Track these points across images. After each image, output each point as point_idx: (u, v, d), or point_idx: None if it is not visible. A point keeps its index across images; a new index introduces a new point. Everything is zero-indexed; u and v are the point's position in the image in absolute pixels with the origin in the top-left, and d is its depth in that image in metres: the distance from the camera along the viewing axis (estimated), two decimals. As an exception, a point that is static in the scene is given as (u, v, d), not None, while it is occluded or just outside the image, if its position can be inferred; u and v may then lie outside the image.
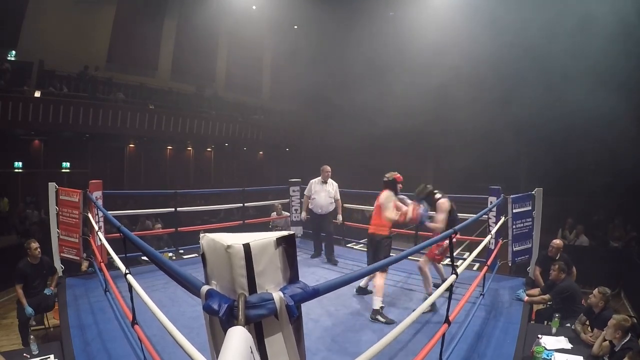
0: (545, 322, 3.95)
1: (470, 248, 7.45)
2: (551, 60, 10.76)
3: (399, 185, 4.08)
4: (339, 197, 5.62)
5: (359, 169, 15.98)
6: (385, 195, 3.98)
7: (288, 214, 7.01)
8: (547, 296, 4.00)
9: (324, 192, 5.49)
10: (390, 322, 3.54)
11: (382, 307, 3.67)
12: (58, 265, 4.64)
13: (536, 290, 4.26)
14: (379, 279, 3.71)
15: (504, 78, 11.13)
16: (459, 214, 5.65)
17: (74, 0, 11.70)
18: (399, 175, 4.11)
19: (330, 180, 5.58)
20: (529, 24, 10.48)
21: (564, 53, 9.81)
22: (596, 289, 3.46)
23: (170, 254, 5.79)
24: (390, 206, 3.91)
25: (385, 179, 4.08)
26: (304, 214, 5.77)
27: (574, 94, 9.74)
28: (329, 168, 5.60)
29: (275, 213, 7.57)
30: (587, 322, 3.53)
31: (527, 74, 11.04)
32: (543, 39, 10.46)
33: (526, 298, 4.02)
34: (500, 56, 11.25)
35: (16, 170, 11.18)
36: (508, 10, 10.72)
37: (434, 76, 13.07)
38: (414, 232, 5.69)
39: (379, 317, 3.60)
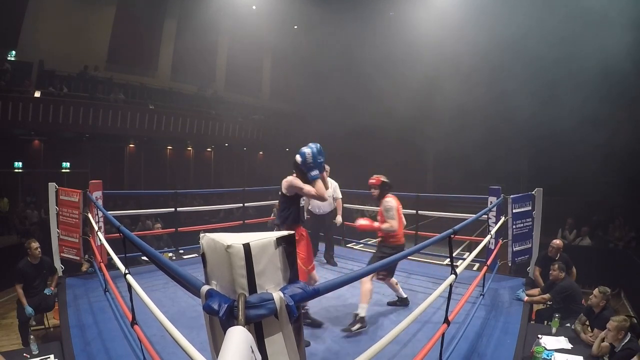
0: (545, 322, 3.95)
1: (470, 248, 7.46)
2: (551, 60, 10.77)
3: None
4: (339, 197, 5.36)
5: (359, 168, 15.98)
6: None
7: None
8: (547, 296, 4.00)
9: None
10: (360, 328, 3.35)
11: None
12: (58, 265, 4.64)
13: (536, 290, 4.26)
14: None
15: (505, 78, 11.14)
16: (459, 214, 5.66)
17: (74, 0, 11.71)
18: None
19: (329, 179, 5.48)
20: (530, 24, 10.49)
21: (564, 54, 9.83)
22: (596, 289, 3.45)
23: (170, 254, 5.79)
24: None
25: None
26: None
27: (575, 94, 9.75)
28: (327, 167, 5.51)
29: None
30: (587, 322, 3.53)
31: (527, 74, 11.06)
32: (543, 38, 10.47)
33: (526, 298, 4.02)
34: (500, 56, 11.27)
35: (16, 170, 11.18)
36: (509, 11, 10.73)
37: (434, 77, 13.09)
38: (414, 232, 5.68)
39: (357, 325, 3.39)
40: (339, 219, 5.33)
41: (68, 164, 12.12)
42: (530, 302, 4.02)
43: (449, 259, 2.66)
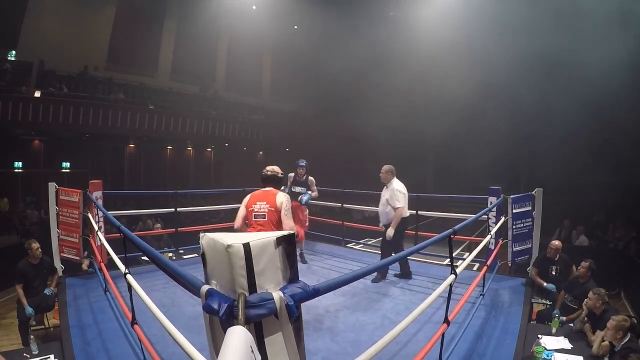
0: (546, 322, 3.95)
1: (470, 248, 7.46)
2: (552, 59, 10.76)
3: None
4: (394, 204, 4.35)
5: (359, 168, 15.98)
6: (286, 196, 3.12)
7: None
8: (583, 313, 3.68)
9: (381, 199, 4.49)
10: None
11: None
12: (58, 265, 4.64)
13: (573, 315, 3.93)
14: None
15: (504, 77, 11.15)
16: (459, 214, 5.66)
17: (74, 0, 11.71)
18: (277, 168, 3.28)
19: (394, 181, 4.45)
20: (530, 23, 10.48)
21: (565, 52, 9.81)
22: (590, 292, 3.44)
23: (170, 254, 5.79)
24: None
25: (270, 174, 3.17)
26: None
27: (574, 94, 9.74)
28: (386, 167, 4.51)
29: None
30: (589, 323, 3.50)
31: (527, 73, 11.05)
32: (543, 37, 10.46)
33: (565, 318, 3.85)
34: (500, 56, 11.26)
35: (16, 170, 11.19)
36: (509, 11, 10.72)
37: (434, 76, 13.08)
38: (414, 232, 5.67)
39: None
40: (390, 231, 4.37)
41: (68, 164, 12.13)
42: (569, 320, 3.84)
43: (449, 259, 2.66)
